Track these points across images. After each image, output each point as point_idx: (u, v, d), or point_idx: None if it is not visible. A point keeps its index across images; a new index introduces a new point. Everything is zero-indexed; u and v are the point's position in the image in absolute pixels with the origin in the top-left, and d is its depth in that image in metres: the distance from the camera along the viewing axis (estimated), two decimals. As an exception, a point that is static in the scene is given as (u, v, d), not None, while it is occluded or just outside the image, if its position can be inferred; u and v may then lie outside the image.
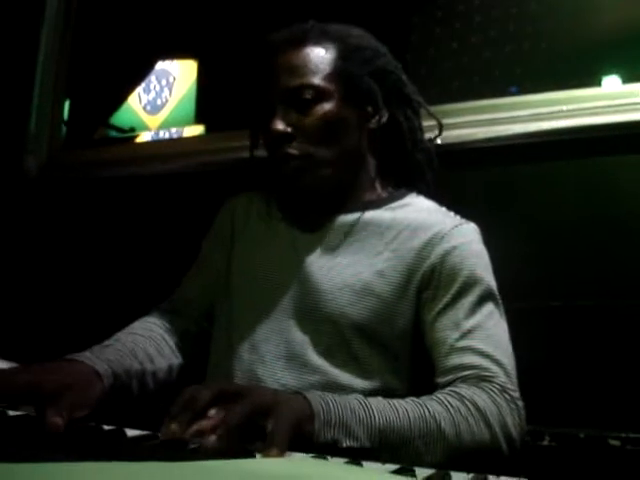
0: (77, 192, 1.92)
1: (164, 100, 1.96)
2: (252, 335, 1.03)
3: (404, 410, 0.80)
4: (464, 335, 0.93)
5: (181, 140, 1.86)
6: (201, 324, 1.15)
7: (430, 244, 1.01)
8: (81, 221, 1.89)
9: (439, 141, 1.17)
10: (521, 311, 1.08)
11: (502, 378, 0.90)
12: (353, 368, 0.98)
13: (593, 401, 1.23)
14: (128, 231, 1.82)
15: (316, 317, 1.01)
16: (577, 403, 1.24)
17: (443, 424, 0.81)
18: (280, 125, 1.02)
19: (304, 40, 1.05)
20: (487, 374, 0.89)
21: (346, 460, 0.65)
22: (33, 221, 1.95)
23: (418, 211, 1.07)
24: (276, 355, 1.00)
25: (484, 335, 0.93)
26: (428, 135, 1.15)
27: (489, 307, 0.97)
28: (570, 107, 1.31)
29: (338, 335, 0.99)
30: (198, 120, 1.87)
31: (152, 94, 1.98)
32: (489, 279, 1.00)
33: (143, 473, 0.51)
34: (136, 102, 1.99)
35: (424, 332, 0.99)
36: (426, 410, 0.81)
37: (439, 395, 0.86)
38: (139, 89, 1.99)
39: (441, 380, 0.93)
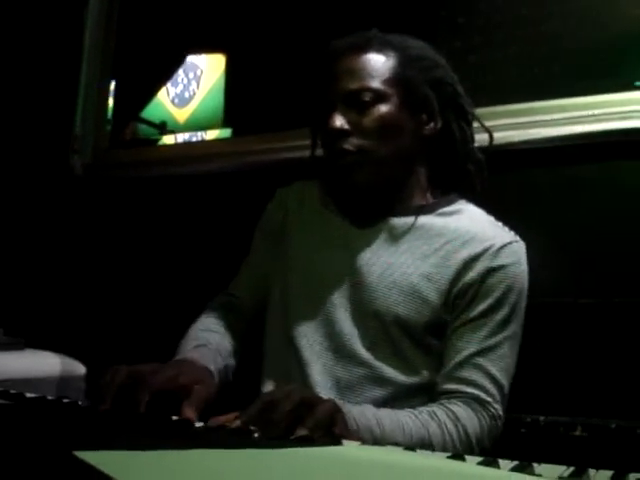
0: (122, 190, 1.96)
1: (192, 93, 1.97)
2: (303, 323, 1.08)
3: (410, 431, 0.91)
4: (481, 352, 1.01)
5: (227, 140, 1.87)
6: (254, 320, 1.18)
7: (477, 258, 1.04)
8: (126, 219, 1.94)
9: (476, 144, 1.21)
10: (556, 306, 1.13)
11: (497, 405, 1.00)
12: (397, 363, 1.04)
13: (624, 393, 1.28)
14: (172, 229, 1.87)
15: (364, 312, 1.06)
16: (608, 395, 1.29)
17: (437, 447, 0.93)
18: (338, 121, 1.06)
19: (366, 46, 1.09)
20: (487, 399, 0.99)
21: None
22: (79, 219, 1.99)
23: (470, 221, 1.10)
24: (324, 346, 1.06)
25: (498, 356, 1.02)
26: (478, 142, 1.18)
27: (512, 328, 1.04)
28: (603, 111, 1.34)
29: (383, 331, 1.05)
30: (226, 115, 1.88)
31: (180, 87, 2.00)
32: (520, 300, 1.05)
33: (246, 459, 0.55)
34: (164, 95, 2.02)
35: (446, 332, 1.05)
36: (426, 432, 0.93)
37: (439, 414, 0.96)
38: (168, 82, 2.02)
39: (445, 385, 1.01)
